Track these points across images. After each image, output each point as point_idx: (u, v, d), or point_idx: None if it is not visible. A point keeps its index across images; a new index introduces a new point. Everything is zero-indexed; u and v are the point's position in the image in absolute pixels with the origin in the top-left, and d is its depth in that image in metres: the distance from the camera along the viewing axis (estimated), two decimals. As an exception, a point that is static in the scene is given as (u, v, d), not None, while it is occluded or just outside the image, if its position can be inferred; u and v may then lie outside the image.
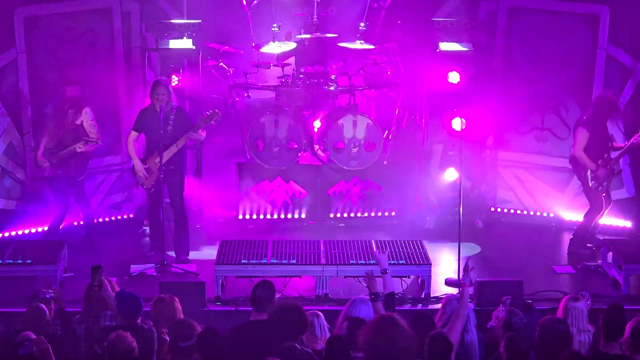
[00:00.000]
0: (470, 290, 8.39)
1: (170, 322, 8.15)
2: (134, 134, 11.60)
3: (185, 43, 12.56)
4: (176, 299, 8.49)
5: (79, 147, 11.86)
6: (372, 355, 6.97)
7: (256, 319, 7.94)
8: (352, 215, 13.22)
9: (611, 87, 12.78)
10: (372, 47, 12.88)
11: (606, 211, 11.99)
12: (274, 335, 7.61)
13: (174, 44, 12.58)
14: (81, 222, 12.41)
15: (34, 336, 7.60)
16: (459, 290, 8.31)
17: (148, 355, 7.71)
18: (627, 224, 12.81)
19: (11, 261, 10.77)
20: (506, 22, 13.20)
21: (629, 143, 11.78)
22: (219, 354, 7.42)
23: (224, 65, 12.99)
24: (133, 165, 11.65)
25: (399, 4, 13.20)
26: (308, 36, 12.93)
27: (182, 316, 8.35)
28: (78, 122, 11.90)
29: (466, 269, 8.18)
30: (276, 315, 7.70)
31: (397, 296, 10.07)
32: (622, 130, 12.64)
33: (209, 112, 11.54)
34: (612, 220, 12.62)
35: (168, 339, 7.84)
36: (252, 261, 10.64)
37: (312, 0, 12.90)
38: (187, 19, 12.90)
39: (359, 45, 12.80)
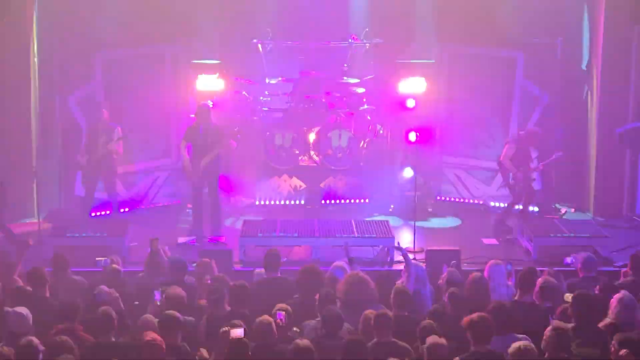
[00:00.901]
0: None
1: (210, 276, 8.22)
2: (184, 142, 11.57)
3: (216, 78, 12.57)
4: (213, 261, 8.53)
5: (109, 146, 11.45)
6: (346, 301, 7.00)
7: (276, 276, 8.16)
8: (338, 201, 13.17)
9: (524, 110, 12.79)
10: (356, 81, 12.86)
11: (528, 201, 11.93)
12: (300, 289, 7.63)
13: (208, 78, 12.56)
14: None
15: (107, 289, 7.60)
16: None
17: (191, 302, 7.72)
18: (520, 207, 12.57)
19: (89, 234, 10.68)
20: (448, 63, 13.15)
21: (548, 161, 11.74)
22: (249, 302, 7.41)
23: (245, 93, 12.95)
24: (183, 164, 11.57)
25: (372, 49, 13.16)
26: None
27: (217, 273, 8.34)
28: (114, 138, 11.52)
29: (397, 247, 8.80)
30: (302, 275, 7.69)
31: (369, 260, 10.15)
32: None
33: (235, 129, 11.49)
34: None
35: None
36: (266, 234, 10.65)
37: (309, 48, 12.93)
38: (219, 59, 12.88)
39: (344, 80, 12.81)
